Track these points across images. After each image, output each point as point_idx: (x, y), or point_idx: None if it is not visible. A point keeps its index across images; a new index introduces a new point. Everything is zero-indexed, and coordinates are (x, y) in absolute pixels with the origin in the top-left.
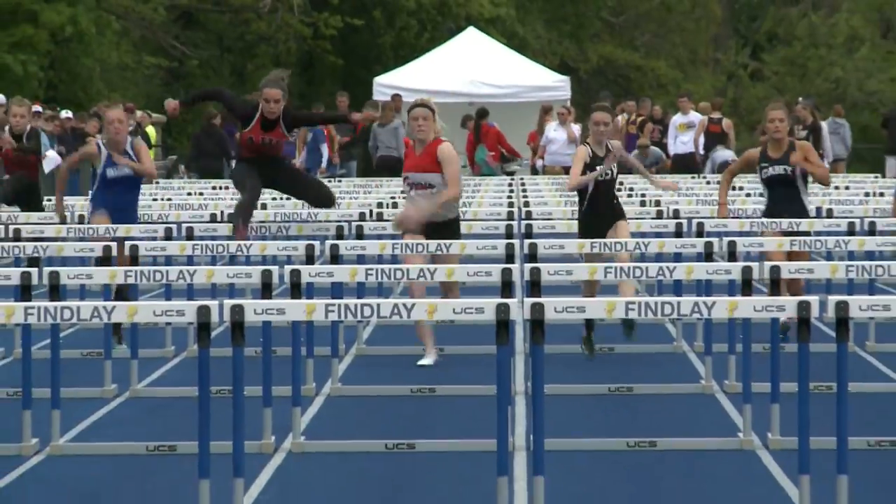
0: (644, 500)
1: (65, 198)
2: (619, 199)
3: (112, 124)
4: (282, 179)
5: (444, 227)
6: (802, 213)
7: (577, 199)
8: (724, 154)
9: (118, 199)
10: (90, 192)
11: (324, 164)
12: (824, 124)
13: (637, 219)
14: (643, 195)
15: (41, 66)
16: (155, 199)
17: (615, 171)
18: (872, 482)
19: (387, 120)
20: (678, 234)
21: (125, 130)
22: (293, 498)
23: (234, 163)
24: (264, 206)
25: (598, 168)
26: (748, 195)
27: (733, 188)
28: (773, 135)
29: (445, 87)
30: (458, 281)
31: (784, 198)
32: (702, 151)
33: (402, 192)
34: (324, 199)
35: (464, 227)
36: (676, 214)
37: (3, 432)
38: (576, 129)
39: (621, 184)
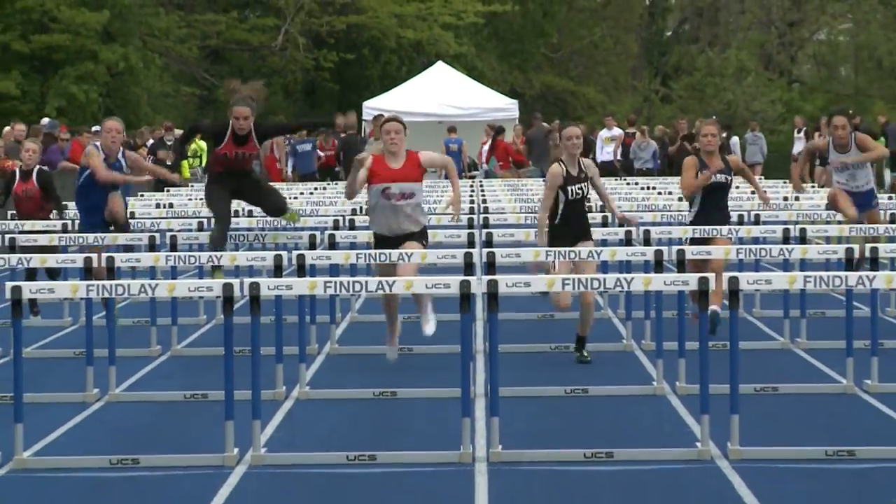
0: (578, 435)
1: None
2: (587, 219)
3: (109, 133)
4: (246, 190)
5: (418, 234)
6: (726, 217)
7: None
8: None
9: (101, 195)
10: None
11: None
12: (735, 138)
13: None
14: None
15: (99, 93)
16: (190, 199)
17: (586, 189)
18: (758, 420)
19: (377, 135)
20: (604, 224)
21: (119, 140)
22: (301, 435)
23: (206, 178)
24: None
25: (572, 186)
26: (660, 193)
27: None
28: (706, 147)
29: (420, 109)
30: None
31: (715, 205)
32: (619, 158)
33: (372, 203)
34: (277, 208)
35: (433, 220)
36: (602, 209)
37: (71, 384)
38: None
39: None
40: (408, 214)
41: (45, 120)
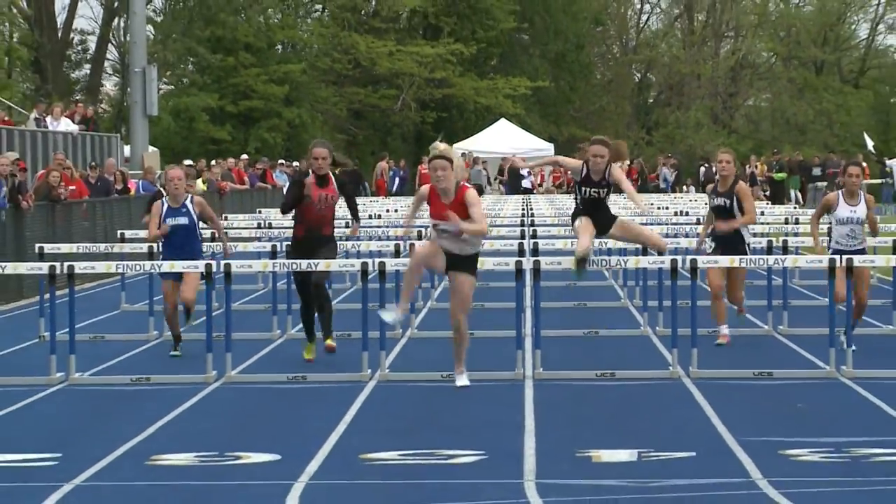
0: (592, 361)
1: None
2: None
3: (172, 181)
4: (319, 255)
5: (467, 259)
6: (737, 236)
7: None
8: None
9: (176, 240)
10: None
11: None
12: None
13: None
14: None
15: (283, 139)
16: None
17: (602, 192)
18: (709, 352)
19: (469, 166)
20: None
21: (183, 187)
22: (411, 360)
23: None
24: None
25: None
26: (664, 204)
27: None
28: (721, 172)
29: (489, 149)
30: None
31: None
32: None
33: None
34: (321, 285)
35: (497, 221)
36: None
37: (262, 327)
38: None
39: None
40: (456, 241)
41: (230, 160)
